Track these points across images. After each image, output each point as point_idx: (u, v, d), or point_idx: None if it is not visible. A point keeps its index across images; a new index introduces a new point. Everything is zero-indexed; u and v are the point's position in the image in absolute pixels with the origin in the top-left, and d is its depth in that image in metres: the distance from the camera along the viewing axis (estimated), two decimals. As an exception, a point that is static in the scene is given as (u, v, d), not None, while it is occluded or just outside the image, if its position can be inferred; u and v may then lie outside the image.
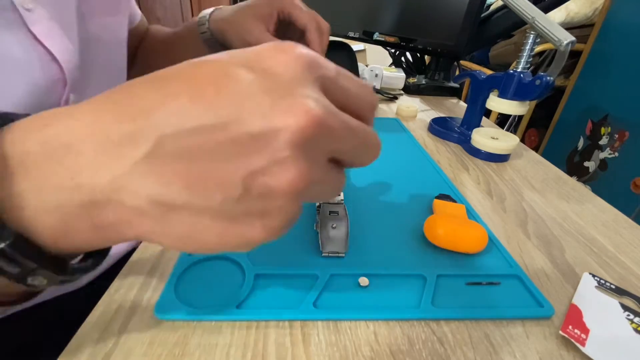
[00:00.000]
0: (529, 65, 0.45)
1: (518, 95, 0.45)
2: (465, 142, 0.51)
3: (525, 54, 0.45)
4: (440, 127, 0.55)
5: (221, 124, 0.12)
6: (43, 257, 0.14)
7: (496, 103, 0.47)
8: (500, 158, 0.48)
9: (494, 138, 0.47)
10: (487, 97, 0.49)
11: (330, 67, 0.15)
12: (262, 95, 0.13)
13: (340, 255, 0.27)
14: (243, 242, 0.14)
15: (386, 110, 0.67)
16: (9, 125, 0.14)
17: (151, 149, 0.12)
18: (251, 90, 0.13)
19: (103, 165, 0.13)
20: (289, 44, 0.14)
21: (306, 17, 0.40)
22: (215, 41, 0.43)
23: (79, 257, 0.17)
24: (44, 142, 0.13)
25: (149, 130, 0.12)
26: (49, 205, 0.13)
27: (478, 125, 0.52)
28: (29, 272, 0.14)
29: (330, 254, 0.27)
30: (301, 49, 0.14)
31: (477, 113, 0.52)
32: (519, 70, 0.45)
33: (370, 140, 0.16)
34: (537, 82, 0.43)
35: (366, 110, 0.16)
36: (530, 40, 0.44)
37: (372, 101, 0.16)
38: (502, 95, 0.47)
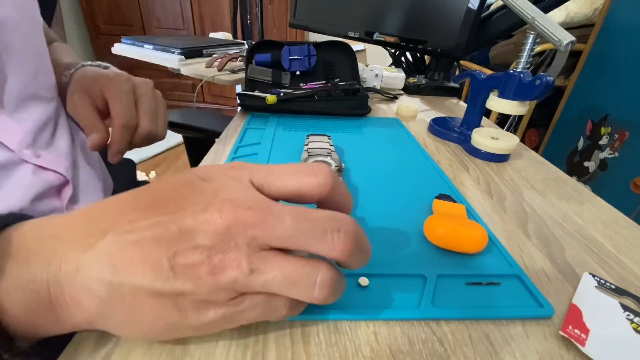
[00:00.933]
0: (529, 65, 0.45)
1: (518, 95, 0.45)
2: (465, 142, 0.51)
3: (525, 54, 0.45)
4: (440, 127, 0.55)
5: (162, 222, 0.16)
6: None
7: (496, 103, 0.47)
8: (500, 158, 0.48)
9: (494, 138, 0.47)
10: (487, 97, 0.49)
11: (262, 169, 0.19)
12: (197, 198, 0.17)
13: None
14: (175, 322, 0.17)
15: (386, 110, 0.67)
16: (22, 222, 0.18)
17: (108, 238, 0.16)
18: (190, 194, 0.17)
19: (72, 249, 0.17)
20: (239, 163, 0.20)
21: (117, 110, 0.36)
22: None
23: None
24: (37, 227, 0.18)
25: (109, 225, 0.17)
26: (23, 280, 0.16)
27: (478, 125, 0.52)
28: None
29: (330, 254, 0.27)
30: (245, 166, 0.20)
31: (477, 113, 0.52)
32: (519, 70, 0.45)
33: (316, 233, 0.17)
34: (537, 82, 0.43)
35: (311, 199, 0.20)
36: (530, 40, 0.44)
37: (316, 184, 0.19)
38: (502, 95, 0.47)
